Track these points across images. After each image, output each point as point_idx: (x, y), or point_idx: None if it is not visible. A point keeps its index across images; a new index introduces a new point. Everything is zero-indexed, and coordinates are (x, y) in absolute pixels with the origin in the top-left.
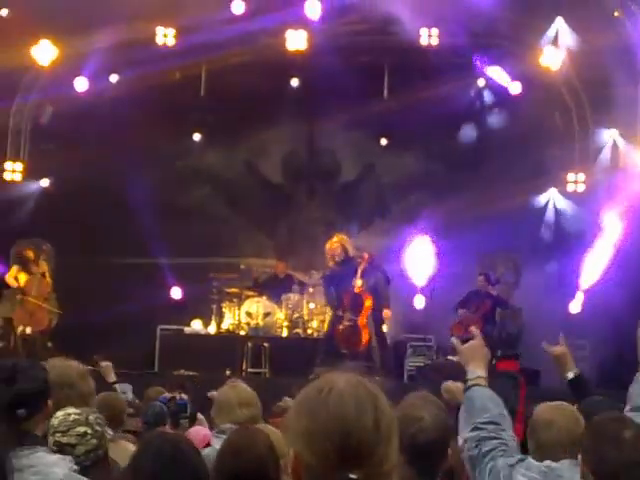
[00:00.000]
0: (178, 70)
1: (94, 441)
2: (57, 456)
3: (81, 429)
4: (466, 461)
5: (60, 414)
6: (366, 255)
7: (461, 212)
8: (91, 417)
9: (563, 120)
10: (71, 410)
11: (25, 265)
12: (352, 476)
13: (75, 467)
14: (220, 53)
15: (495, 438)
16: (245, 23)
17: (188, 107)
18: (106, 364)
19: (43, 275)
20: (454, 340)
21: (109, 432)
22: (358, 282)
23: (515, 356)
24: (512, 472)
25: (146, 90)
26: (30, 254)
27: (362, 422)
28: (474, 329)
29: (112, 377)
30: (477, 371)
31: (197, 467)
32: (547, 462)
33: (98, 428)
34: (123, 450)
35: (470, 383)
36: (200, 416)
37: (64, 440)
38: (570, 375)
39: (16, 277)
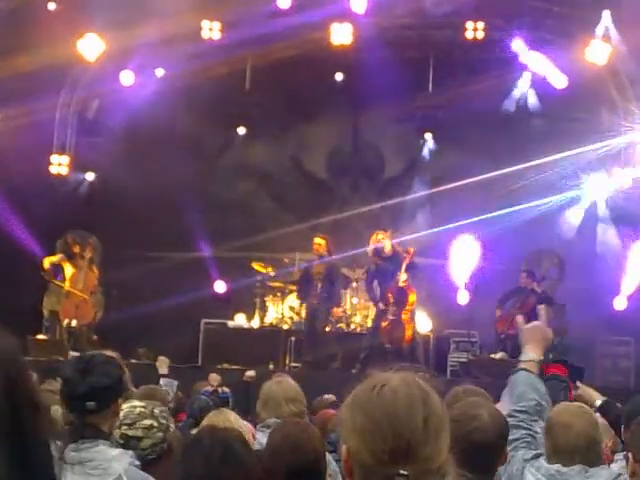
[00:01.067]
0: (223, 64)
1: (160, 434)
2: (118, 450)
3: (147, 422)
4: None
5: (125, 406)
6: (411, 250)
7: (506, 207)
8: (156, 410)
9: (609, 115)
10: (136, 403)
11: (71, 257)
12: (402, 472)
13: (136, 462)
14: (265, 47)
15: (524, 428)
16: (290, 17)
17: (233, 101)
18: (163, 358)
19: (89, 267)
20: (518, 318)
21: (172, 426)
22: (403, 276)
23: (564, 362)
24: (525, 467)
25: (191, 84)
26: (76, 247)
27: (413, 420)
28: (519, 319)
29: (164, 370)
30: (531, 354)
31: (248, 465)
32: (557, 466)
33: (163, 421)
34: None
35: (520, 366)
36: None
37: (130, 433)
38: (598, 402)
39: (61, 266)
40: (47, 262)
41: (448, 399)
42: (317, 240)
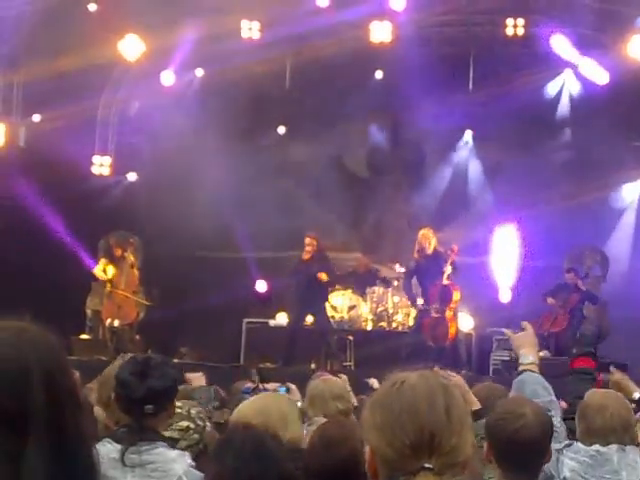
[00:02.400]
0: (263, 63)
1: (196, 436)
2: (177, 452)
3: (184, 424)
4: None
5: None
6: (455, 247)
7: (546, 205)
8: (193, 411)
9: None
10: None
11: (113, 258)
12: (427, 465)
13: (192, 463)
14: (305, 46)
15: (552, 423)
16: (329, 15)
17: (273, 100)
18: (199, 375)
19: (131, 267)
20: (505, 330)
21: (208, 425)
22: (447, 274)
23: (590, 354)
24: (559, 456)
25: (231, 83)
26: (118, 250)
27: (434, 411)
28: (525, 323)
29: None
30: (529, 357)
31: (281, 463)
32: (596, 446)
33: (200, 422)
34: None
35: (522, 368)
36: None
37: (167, 434)
38: (636, 395)
39: (104, 269)
40: (99, 272)
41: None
42: (308, 240)
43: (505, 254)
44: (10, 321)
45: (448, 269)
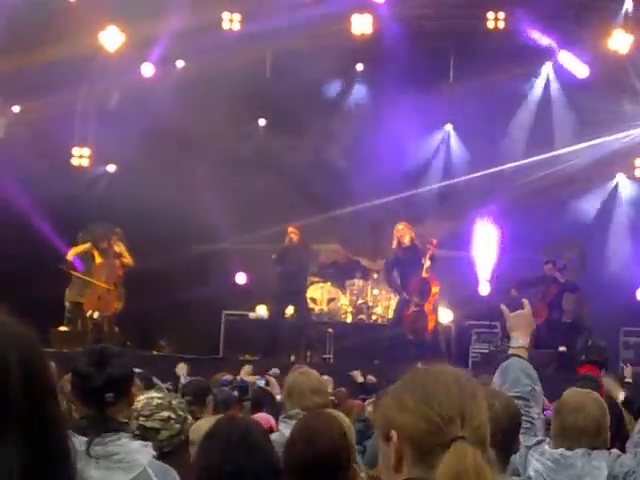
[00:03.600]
0: (243, 56)
1: (177, 426)
2: (139, 442)
3: (165, 414)
4: None
5: (143, 398)
6: (434, 241)
7: (526, 197)
8: (174, 402)
9: (631, 105)
10: (154, 394)
11: (98, 248)
12: (462, 434)
13: (154, 453)
14: (285, 38)
15: (521, 414)
16: (310, 8)
17: (253, 93)
18: (182, 365)
19: (120, 257)
20: (502, 307)
21: (189, 417)
22: (426, 267)
23: (597, 362)
24: (527, 454)
25: (212, 75)
26: (104, 242)
27: (464, 390)
28: (525, 302)
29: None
30: (520, 340)
31: (267, 453)
32: (561, 450)
33: (181, 413)
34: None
35: (511, 352)
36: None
37: (148, 424)
38: (621, 397)
39: (89, 254)
40: (73, 252)
41: None
42: (291, 229)
43: (484, 247)
44: None
45: (427, 262)
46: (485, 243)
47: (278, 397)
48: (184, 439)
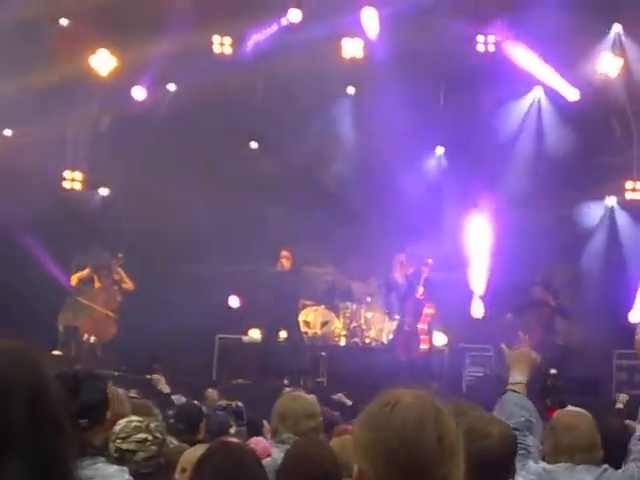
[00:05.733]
0: (235, 78)
1: (154, 447)
2: (115, 467)
3: (141, 435)
4: None
5: (123, 421)
6: (430, 261)
7: (518, 219)
8: (152, 425)
9: (621, 127)
10: (134, 418)
11: (100, 274)
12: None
13: (130, 478)
14: (277, 61)
15: (517, 443)
16: (301, 31)
17: (245, 115)
18: (157, 377)
19: (119, 283)
20: (502, 346)
21: (173, 441)
22: (421, 289)
23: (562, 404)
24: (516, 476)
25: (203, 98)
26: (104, 268)
27: (425, 440)
28: (524, 338)
29: (165, 388)
30: (517, 377)
31: (259, 478)
32: (543, 464)
33: (158, 435)
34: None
35: (508, 387)
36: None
37: (124, 446)
38: (620, 405)
39: (89, 281)
40: (75, 279)
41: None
42: (284, 253)
43: (477, 269)
44: None
45: (422, 284)
46: (477, 264)
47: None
48: (163, 462)
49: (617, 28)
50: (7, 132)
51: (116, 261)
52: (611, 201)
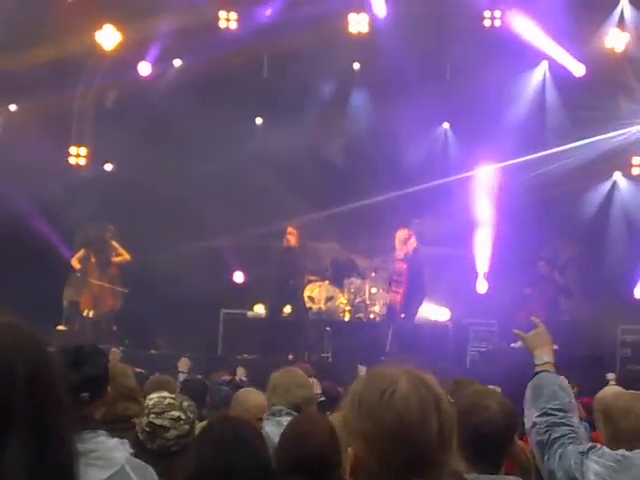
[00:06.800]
0: (240, 54)
1: (186, 427)
2: (116, 440)
3: (175, 413)
4: (533, 445)
5: (154, 396)
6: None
7: (524, 195)
8: (185, 403)
9: (627, 102)
10: (166, 394)
11: (91, 248)
12: None
13: (131, 451)
14: (282, 37)
15: (565, 425)
16: (307, 6)
17: (250, 91)
18: (184, 359)
19: (114, 254)
20: (517, 331)
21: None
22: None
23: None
24: (583, 459)
25: (209, 74)
26: (97, 239)
27: (428, 428)
28: (537, 321)
29: (184, 369)
30: (544, 357)
31: (258, 452)
32: (621, 451)
33: (190, 415)
34: None
35: (538, 369)
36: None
37: (158, 422)
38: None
39: (86, 258)
40: (76, 262)
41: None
42: (290, 229)
43: (483, 244)
44: None
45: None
46: (483, 240)
47: None
48: (190, 441)
49: (624, 2)
50: (12, 107)
51: (108, 232)
52: (617, 176)
